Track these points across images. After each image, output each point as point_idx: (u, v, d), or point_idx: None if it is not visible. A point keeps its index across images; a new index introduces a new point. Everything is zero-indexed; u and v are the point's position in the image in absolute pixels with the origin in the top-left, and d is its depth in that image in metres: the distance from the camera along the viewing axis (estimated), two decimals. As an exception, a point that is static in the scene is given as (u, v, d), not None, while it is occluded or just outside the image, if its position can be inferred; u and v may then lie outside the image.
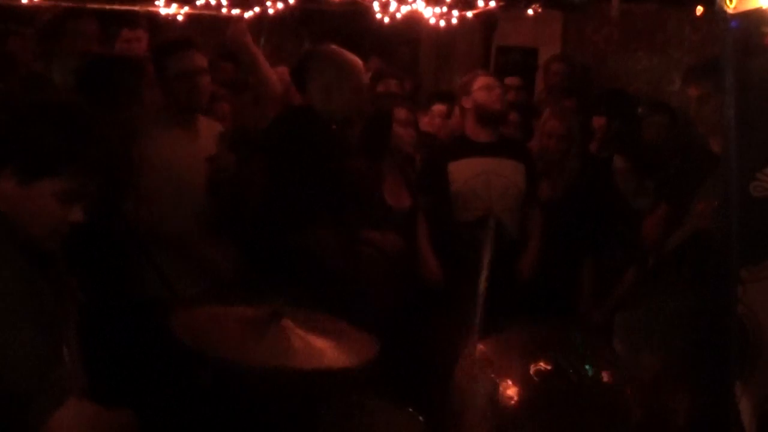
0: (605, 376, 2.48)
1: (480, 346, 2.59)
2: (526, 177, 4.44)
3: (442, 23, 6.49)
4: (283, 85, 4.67)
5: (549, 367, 2.55)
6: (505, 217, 4.35)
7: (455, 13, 6.38)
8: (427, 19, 6.41)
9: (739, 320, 2.09)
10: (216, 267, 3.65)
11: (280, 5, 6.25)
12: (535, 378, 2.53)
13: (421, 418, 2.79)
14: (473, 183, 4.35)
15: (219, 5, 6.35)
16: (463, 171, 4.38)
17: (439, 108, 5.58)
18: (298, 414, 2.76)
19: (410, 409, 2.82)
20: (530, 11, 6.46)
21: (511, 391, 2.50)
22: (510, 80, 6.37)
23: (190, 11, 6.12)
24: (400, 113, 4.42)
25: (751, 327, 2.24)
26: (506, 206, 4.38)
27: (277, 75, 4.82)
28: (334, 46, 3.97)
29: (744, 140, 2.23)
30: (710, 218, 3.50)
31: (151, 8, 5.57)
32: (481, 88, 4.41)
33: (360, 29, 6.87)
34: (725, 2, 1.61)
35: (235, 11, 6.45)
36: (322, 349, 2.59)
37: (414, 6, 6.19)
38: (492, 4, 6.25)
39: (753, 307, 2.25)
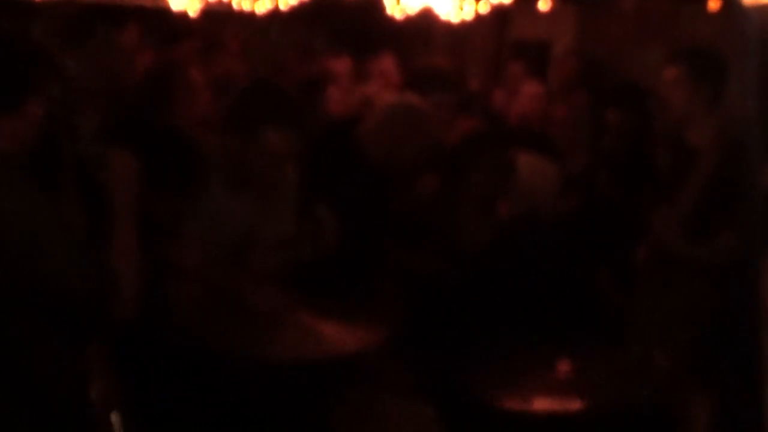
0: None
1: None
2: None
3: (456, 17, 6.47)
4: None
5: (569, 368, 2.55)
6: None
7: (469, 7, 6.35)
8: (441, 13, 6.39)
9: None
10: None
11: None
12: (558, 377, 2.54)
13: (433, 411, 2.78)
14: None
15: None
16: None
17: None
18: (311, 407, 2.76)
19: (422, 403, 2.81)
20: (544, 5, 6.43)
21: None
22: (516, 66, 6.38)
23: (202, 6, 6.13)
24: None
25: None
26: None
27: None
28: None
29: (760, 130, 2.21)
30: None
31: (162, 3, 5.58)
32: None
33: (373, 23, 6.87)
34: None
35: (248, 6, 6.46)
36: (334, 335, 2.59)
37: (427, 0, 6.17)
38: (505, -3, 6.22)
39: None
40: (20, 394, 2.17)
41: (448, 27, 6.53)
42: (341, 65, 5.85)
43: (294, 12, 6.51)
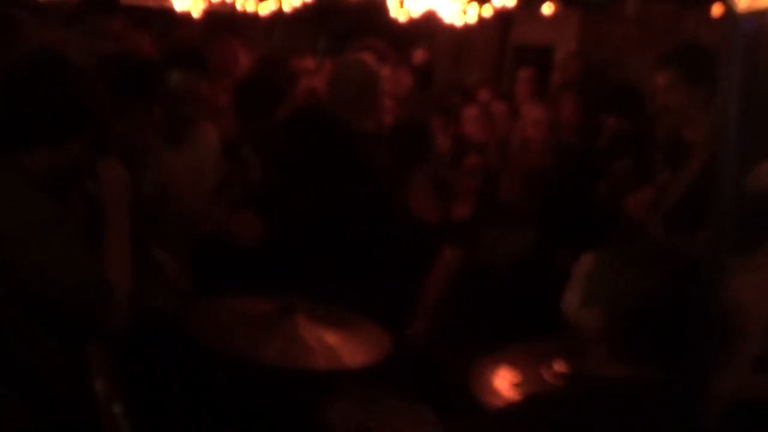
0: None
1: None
2: None
3: (459, 21, 6.49)
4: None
5: (564, 370, 2.54)
6: None
7: (472, 10, 6.37)
8: (444, 17, 6.40)
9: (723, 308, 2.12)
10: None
11: (296, 1, 6.27)
12: (551, 381, 2.53)
13: (432, 415, 2.78)
14: None
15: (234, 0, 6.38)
16: None
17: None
18: (309, 411, 2.76)
19: (422, 406, 2.81)
20: (547, 9, 6.44)
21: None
22: (524, 72, 6.37)
23: (206, 8, 6.14)
24: (437, 121, 4.39)
25: (735, 316, 2.27)
26: None
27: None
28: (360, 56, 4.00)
29: (744, 133, 2.21)
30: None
31: (165, 4, 5.59)
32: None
33: (376, 25, 6.87)
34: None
35: (251, 7, 6.47)
36: (335, 346, 2.59)
37: (430, 3, 6.19)
38: (509, 1, 6.23)
39: (739, 297, 2.26)
40: (22, 391, 2.18)
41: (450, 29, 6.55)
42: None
43: (297, 13, 6.52)
